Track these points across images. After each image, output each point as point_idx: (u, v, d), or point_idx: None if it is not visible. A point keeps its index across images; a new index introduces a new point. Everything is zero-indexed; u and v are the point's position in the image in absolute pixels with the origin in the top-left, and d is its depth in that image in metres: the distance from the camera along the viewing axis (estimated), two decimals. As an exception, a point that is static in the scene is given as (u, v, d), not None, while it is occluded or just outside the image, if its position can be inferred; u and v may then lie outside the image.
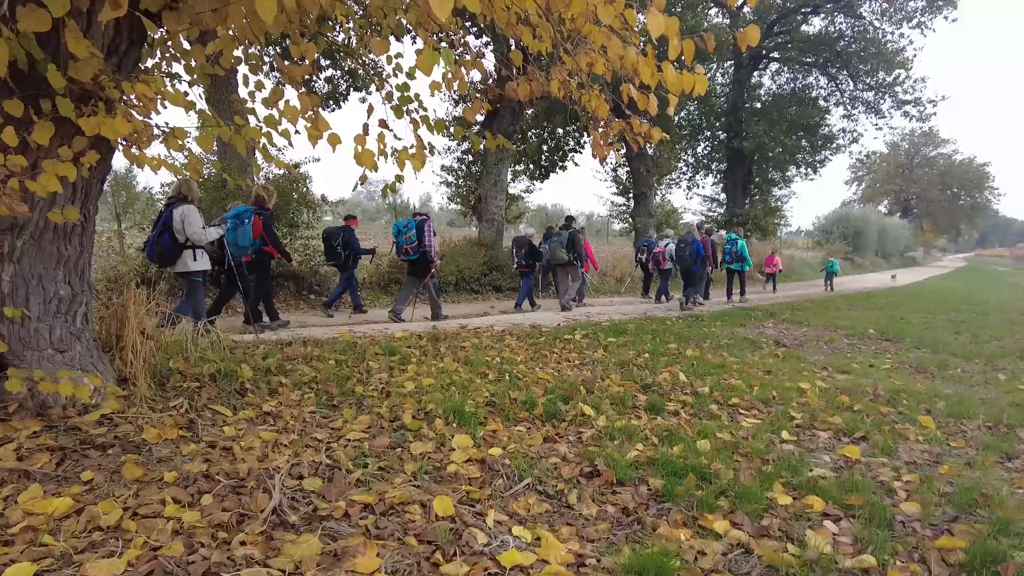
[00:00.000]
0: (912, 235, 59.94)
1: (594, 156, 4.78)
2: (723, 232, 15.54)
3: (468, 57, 5.09)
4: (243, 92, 4.60)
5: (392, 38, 4.74)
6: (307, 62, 4.11)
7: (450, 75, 4.96)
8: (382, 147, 4.20)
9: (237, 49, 3.79)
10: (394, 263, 12.48)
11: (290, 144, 4.43)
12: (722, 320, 10.41)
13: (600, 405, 4.34)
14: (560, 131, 20.27)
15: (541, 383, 4.85)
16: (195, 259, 5.96)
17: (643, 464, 3.31)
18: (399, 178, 5.05)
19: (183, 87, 4.28)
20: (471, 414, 3.73)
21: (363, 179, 4.94)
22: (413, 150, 4.36)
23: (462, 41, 4.96)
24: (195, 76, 4.19)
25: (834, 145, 24.32)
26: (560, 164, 20.98)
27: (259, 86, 4.28)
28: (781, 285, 20.09)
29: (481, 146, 4.97)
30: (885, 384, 5.79)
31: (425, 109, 4.91)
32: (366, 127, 4.15)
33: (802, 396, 5.16)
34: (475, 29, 15.26)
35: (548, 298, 13.13)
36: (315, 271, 11.14)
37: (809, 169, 25.26)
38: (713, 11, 22.26)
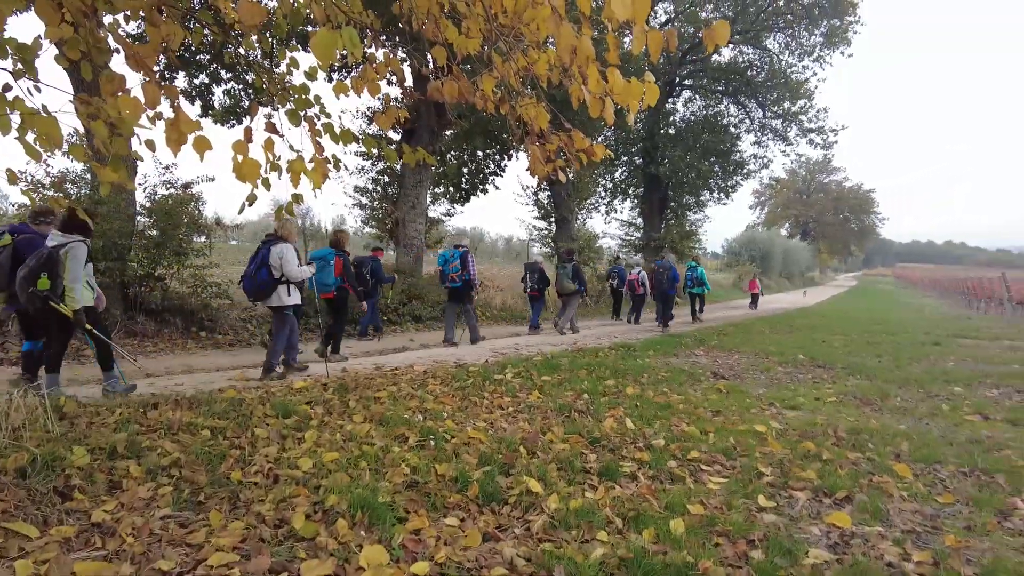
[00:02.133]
0: (811, 256, 63.66)
1: (532, 174, 4.07)
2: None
3: (382, 59, 4.30)
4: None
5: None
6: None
7: (359, 76, 4.18)
8: (271, 158, 3.32)
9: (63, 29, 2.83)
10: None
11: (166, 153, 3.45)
12: (654, 350, 9.96)
13: (547, 474, 3.56)
14: (480, 153, 19.70)
15: (474, 445, 4.03)
16: (288, 294, 6.57)
17: (614, 567, 2.56)
18: (296, 198, 4.16)
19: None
20: (386, 506, 2.85)
21: (251, 199, 4.00)
22: (312, 163, 3.52)
23: (373, 33, 4.16)
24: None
25: (745, 170, 25.10)
26: (481, 187, 20.37)
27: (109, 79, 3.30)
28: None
29: (398, 165, 4.13)
30: (840, 422, 5.38)
31: (328, 115, 4.08)
32: (248, 132, 3.26)
33: (763, 444, 4.61)
34: (389, 42, 14.47)
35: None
36: (206, 304, 9.80)
37: (722, 194, 25.93)
38: (628, 39, 22.53)
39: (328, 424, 4.33)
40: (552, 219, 22.61)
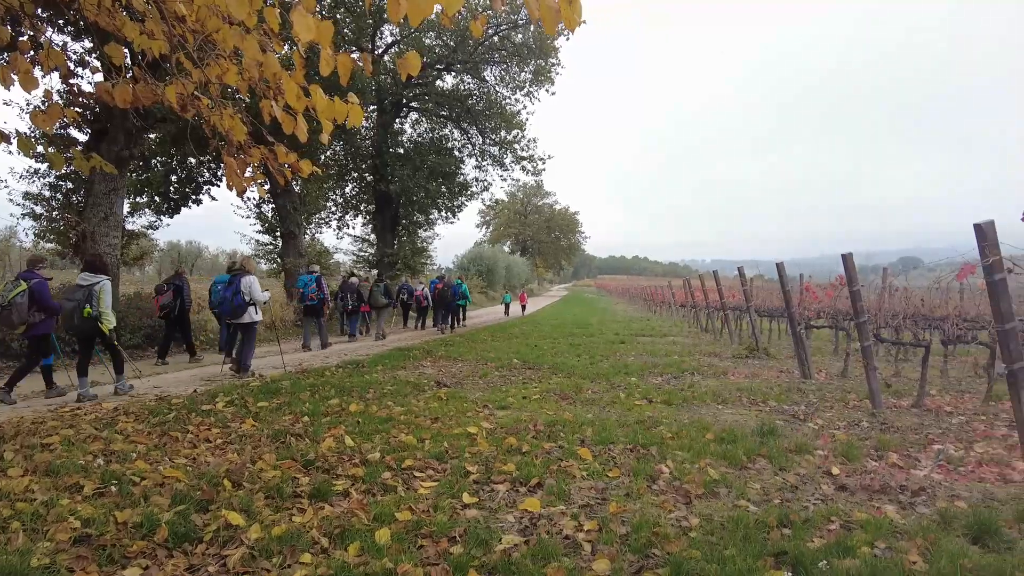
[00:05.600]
0: (530, 270, 70.49)
1: (230, 188, 3.88)
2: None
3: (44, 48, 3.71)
4: None
5: None
6: None
7: (7, 66, 3.56)
8: None
9: None
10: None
11: None
12: (383, 364, 10.08)
13: (252, 504, 3.39)
14: (193, 160, 17.84)
15: (168, 485, 3.65)
16: (256, 313, 8.89)
17: (313, 588, 2.55)
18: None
19: None
20: (41, 570, 2.43)
21: None
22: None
23: (28, 17, 3.56)
24: None
25: (469, 192, 26.74)
26: (193, 197, 18.46)
27: None
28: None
29: (70, 168, 3.60)
30: (541, 417, 6.04)
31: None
32: None
33: (473, 444, 4.98)
34: (72, 29, 12.38)
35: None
36: None
37: (449, 213, 27.24)
38: (355, 55, 22.48)
39: (-31, 483, 3.54)
40: (278, 233, 21.44)
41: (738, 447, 4.96)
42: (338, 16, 19.22)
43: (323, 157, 22.35)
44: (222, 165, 16.22)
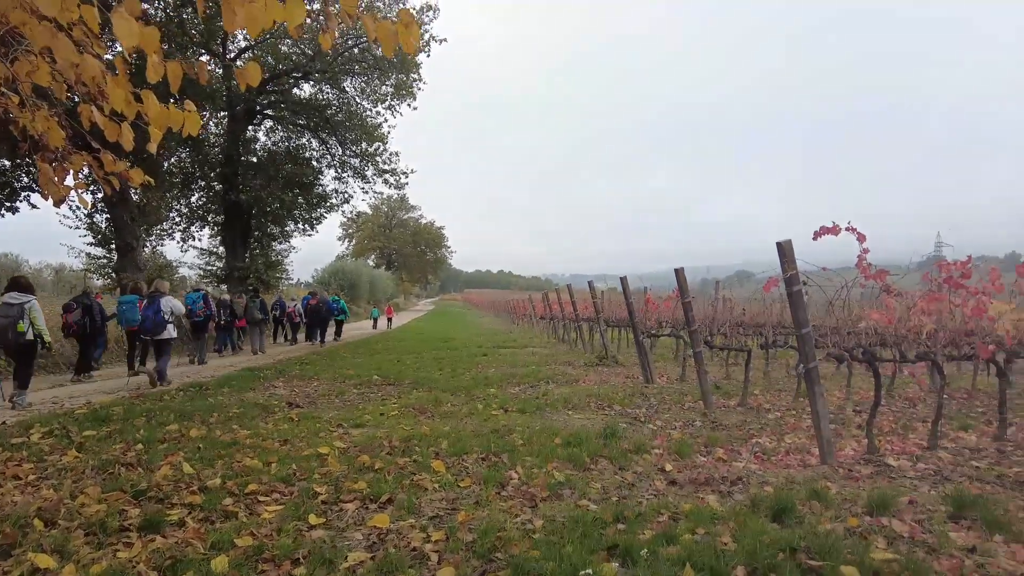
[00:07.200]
0: (395, 284, 69.58)
1: (45, 197, 3.54)
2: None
3: None
4: None
5: None
6: None
7: None
8: None
9: None
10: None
11: None
12: (229, 386, 9.50)
13: (67, 544, 3.09)
14: (7, 163, 15.82)
15: (-40, 531, 3.23)
16: (173, 330, 10.08)
17: (135, 627, 2.39)
18: None
19: None
20: None
21: None
22: None
23: None
24: None
25: (328, 204, 25.96)
26: (8, 204, 16.35)
27: None
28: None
29: None
30: (397, 433, 6.01)
31: None
32: None
33: (323, 465, 4.86)
34: None
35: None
36: None
37: (306, 225, 26.27)
38: (204, 58, 21.12)
39: None
40: (113, 246, 19.50)
41: (583, 450, 5.25)
42: (185, 16, 17.99)
43: (167, 164, 20.71)
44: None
